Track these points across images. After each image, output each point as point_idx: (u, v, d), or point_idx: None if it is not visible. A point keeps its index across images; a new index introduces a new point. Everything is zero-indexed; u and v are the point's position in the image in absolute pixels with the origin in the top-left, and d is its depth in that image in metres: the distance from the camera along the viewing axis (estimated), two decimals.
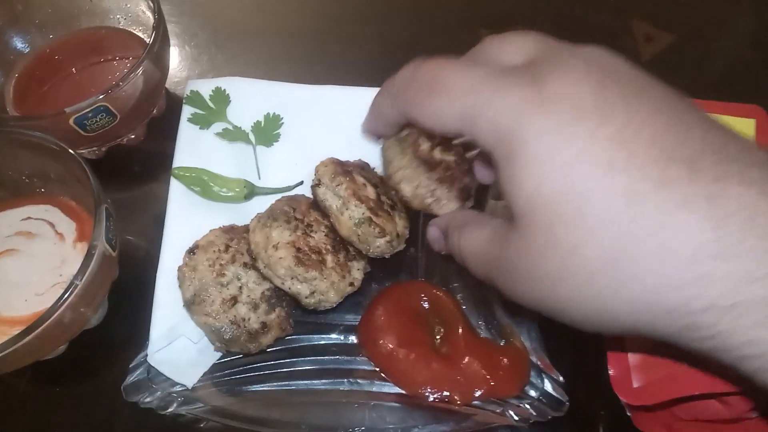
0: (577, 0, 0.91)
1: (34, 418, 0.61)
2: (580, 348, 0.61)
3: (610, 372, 0.54)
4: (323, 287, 0.56)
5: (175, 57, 0.84)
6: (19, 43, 0.72)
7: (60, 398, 0.62)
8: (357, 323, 0.62)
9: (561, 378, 0.56)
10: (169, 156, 0.69)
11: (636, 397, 0.52)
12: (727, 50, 0.85)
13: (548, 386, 0.56)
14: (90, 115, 0.62)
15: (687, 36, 0.86)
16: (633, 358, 0.54)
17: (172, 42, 0.85)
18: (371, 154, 0.67)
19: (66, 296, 0.51)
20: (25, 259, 0.61)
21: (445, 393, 0.56)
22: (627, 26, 0.87)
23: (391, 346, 0.59)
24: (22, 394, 0.62)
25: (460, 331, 0.60)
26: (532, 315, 0.59)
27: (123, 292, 0.64)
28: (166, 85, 0.78)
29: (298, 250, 0.56)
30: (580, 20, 0.88)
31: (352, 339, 0.61)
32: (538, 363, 0.57)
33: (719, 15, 0.89)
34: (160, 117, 0.76)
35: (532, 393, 0.56)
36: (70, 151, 0.58)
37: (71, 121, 0.61)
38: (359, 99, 0.70)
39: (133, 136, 0.73)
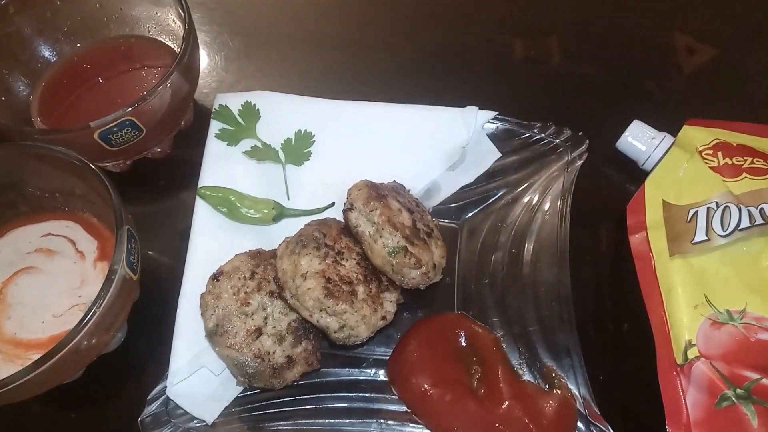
0: (616, 10, 0.86)
1: None
2: (632, 399, 0.56)
3: (668, 430, 0.49)
4: (353, 321, 0.53)
5: (204, 67, 0.82)
6: (46, 51, 0.70)
7: (74, 425, 0.59)
8: (387, 358, 0.58)
9: (611, 430, 0.51)
10: (196, 170, 0.66)
11: None
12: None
13: None
14: (115, 129, 0.59)
15: (730, 50, 0.80)
16: (694, 413, 0.49)
17: (202, 51, 0.82)
18: (406, 176, 0.63)
19: (84, 323, 0.48)
20: (43, 278, 0.59)
21: None
22: (668, 38, 0.82)
23: (424, 385, 0.55)
24: (35, 416, 0.60)
25: (500, 371, 0.55)
26: (580, 359, 0.54)
27: (143, 312, 0.61)
28: (195, 97, 0.76)
29: (328, 280, 0.53)
30: (620, 31, 0.84)
31: (382, 375, 0.57)
32: (586, 412, 0.52)
33: (764, 28, 0.83)
34: (188, 129, 0.74)
35: None
36: (93, 167, 0.55)
37: (96, 136, 0.58)
38: (395, 116, 0.67)
39: (159, 150, 0.70)
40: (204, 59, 0.82)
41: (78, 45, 0.71)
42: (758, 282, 0.54)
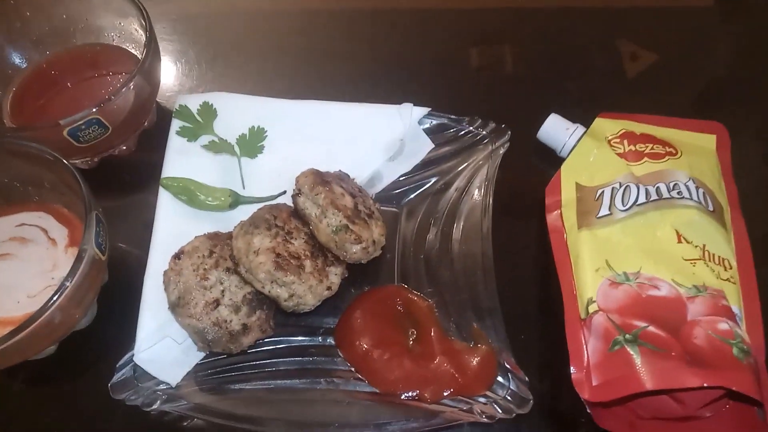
0: (563, 18, 0.95)
1: (27, 416, 0.64)
2: (545, 348, 0.64)
3: (572, 371, 0.57)
4: (301, 291, 0.59)
5: (167, 73, 0.88)
6: (16, 59, 0.76)
7: (51, 397, 0.65)
8: (335, 326, 0.65)
9: (526, 378, 0.59)
10: (159, 166, 0.72)
11: (595, 395, 0.55)
12: (704, 70, 0.89)
13: (514, 385, 0.59)
14: (83, 126, 0.65)
15: (669, 55, 0.90)
16: (593, 357, 0.57)
17: (164, 58, 0.89)
18: (350, 166, 0.70)
19: (56, 297, 0.54)
20: (18, 263, 0.64)
21: (416, 391, 0.59)
22: (613, 44, 0.91)
23: (366, 346, 0.62)
24: (16, 393, 0.65)
25: (433, 332, 0.63)
26: (501, 318, 0.62)
27: (112, 295, 0.67)
28: (158, 99, 0.82)
29: (278, 255, 0.59)
30: (567, 37, 0.92)
31: (330, 341, 0.64)
32: (505, 363, 0.60)
33: (700, 35, 0.93)
34: (151, 129, 0.80)
35: (499, 392, 0.59)
36: (64, 161, 0.61)
37: (65, 133, 0.64)
38: (340, 114, 0.74)
39: (124, 148, 0.77)
40: (166, 66, 0.89)
41: (47, 52, 0.77)
42: (652, 248, 0.62)
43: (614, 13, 0.96)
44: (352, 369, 0.62)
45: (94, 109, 0.64)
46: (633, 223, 0.64)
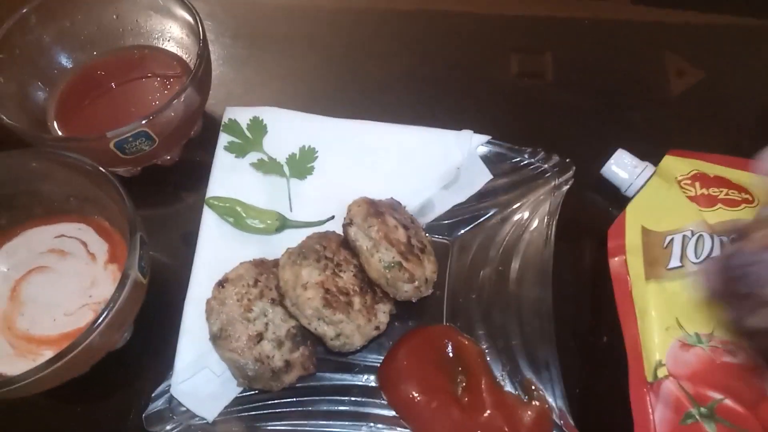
0: (607, 29, 0.90)
1: None
2: (605, 412, 0.60)
3: None
4: (349, 330, 0.56)
5: (213, 77, 0.85)
6: (63, 59, 0.73)
7: (78, 418, 0.62)
8: (378, 365, 0.61)
9: None
10: (202, 177, 0.69)
11: None
12: (757, 90, 0.84)
13: None
14: (131, 139, 0.62)
15: (718, 73, 0.84)
16: (661, 427, 0.53)
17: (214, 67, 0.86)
18: (402, 193, 0.67)
19: (97, 324, 0.52)
20: (55, 277, 0.62)
21: None
22: (659, 59, 0.86)
23: (412, 392, 0.58)
24: (41, 408, 0.63)
25: (483, 382, 0.59)
26: (558, 373, 0.58)
27: (148, 312, 0.64)
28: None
29: (327, 291, 0.56)
30: (610, 50, 0.87)
31: (373, 381, 0.61)
32: (561, 423, 0.56)
33: (751, 51, 0.88)
34: (196, 138, 0.77)
35: None
36: (108, 174, 0.58)
37: (112, 145, 0.62)
38: (395, 136, 0.71)
39: (168, 157, 0.74)
40: (213, 69, 0.86)
41: (94, 53, 0.74)
42: None
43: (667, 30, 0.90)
44: (396, 415, 0.58)
45: (143, 122, 0.61)
46: None
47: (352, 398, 0.60)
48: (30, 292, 0.61)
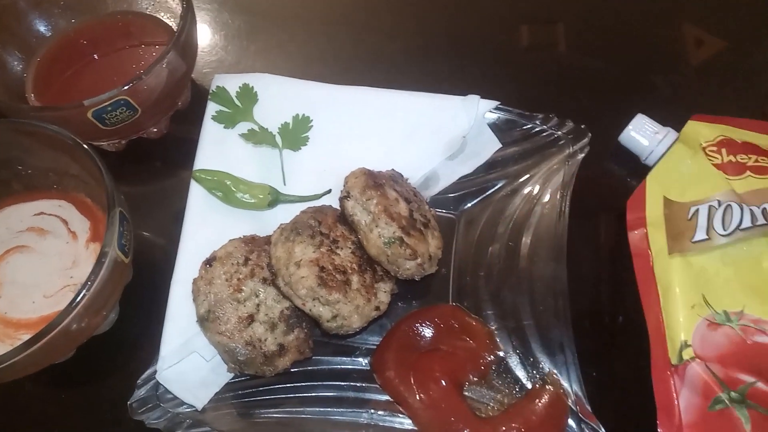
0: (624, 2, 0.84)
1: (36, 420, 0.58)
2: (625, 397, 0.55)
3: (660, 431, 0.48)
4: (346, 311, 0.52)
5: (203, 46, 0.80)
6: (41, 26, 0.69)
7: (64, 405, 0.59)
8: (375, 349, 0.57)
9: (602, 430, 0.51)
10: (192, 150, 0.65)
11: None
12: None
13: None
14: (109, 108, 0.58)
15: (740, 43, 0.79)
16: (687, 414, 0.48)
17: (201, 30, 0.81)
18: (405, 164, 0.62)
19: (73, 306, 0.48)
20: (35, 258, 0.58)
21: None
22: (677, 30, 0.80)
23: (410, 377, 0.54)
24: (27, 394, 0.60)
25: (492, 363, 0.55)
26: (574, 355, 0.53)
27: (136, 294, 0.61)
28: (193, 76, 0.74)
29: (322, 269, 0.52)
30: (628, 23, 0.82)
31: None
32: (578, 410, 0.52)
33: None
34: (185, 109, 0.72)
35: None
36: (86, 147, 0.54)
37: (90, 115, 0.57)
38: (396, 103, 0.65)
39: (155, 129, 0.69)
40: (203, 38, 0.81)
41: (73, 20, 0.70)
42: (758, 283, 0.53)
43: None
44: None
45: (123, 89, 0.57)
46: (735, 251, 0.55)
47: (352, 383, 0.56)
48: (8, 273, 0.58)
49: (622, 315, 0.59)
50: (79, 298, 0.48)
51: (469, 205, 0.64)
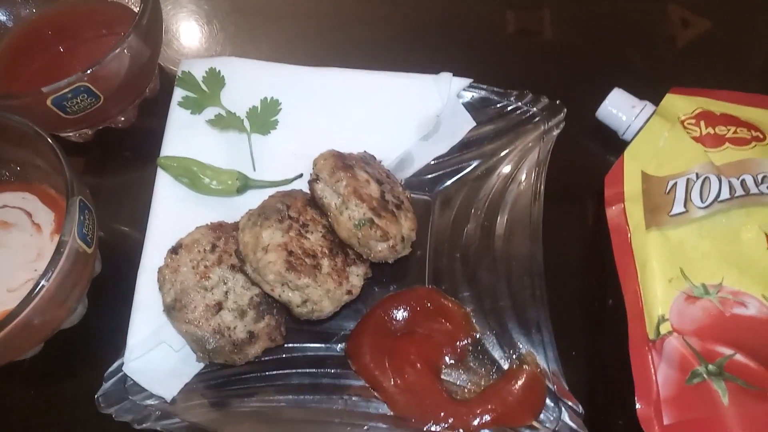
0: None
1: (3, 418, 0.57)
2: (604, 374, 0.55)
3: (638, 405, 0.47)
4: (317, 296, 0.51)
5: (173, 34, 0.78)
6: (2, 16, 0.67)
7: (32, 401, 0.58)
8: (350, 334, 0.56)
9: (580, 408, 0.50)
10: (161, 141, 0.63)
11: None
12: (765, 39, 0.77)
13: (565, 416, 0.50)
14: (69, 95, 0.56)
15: (725, 22, 0.77)
16: (665, 389, 0.47)
17: (172, 18, 0.79)
18: (377, 146, 0.60)
19: (31, 297, 0.46)
20: None
21: (449, 420, 0.50)
22: (663, 10, 0.79)
23: (385, 362, 0.53)
24: None
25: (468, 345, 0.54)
26: (550, 334, 0.52)
27: (106, 287, 0.59)
28: (162, 64, 0.73)
29: (290, 253, 0.51)
30: (612, 2, 0.80)
31: None
32: (555, 389, 0.51)
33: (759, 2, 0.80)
34: (154, 98, 0.71)
35: (547, 423, 0.50)
36: (44, 134, 0.52)
37: (49, 102, 0.56)
38: (367, 84, 0.64)
39: (123, 119, 0.68)
40: (172, 25, 0.79)
41: (34, 10, 0.68)
42: (737, 255, 0.52)
43: None
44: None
45: (81, 75, 0.55)
46: (713, 223, 0.54)
47: (327, 370, 0.55)
48: None
49: (600, 292, 0.58)
50: (37, 289, 0.47)
51: (444, 186, 0.63)
